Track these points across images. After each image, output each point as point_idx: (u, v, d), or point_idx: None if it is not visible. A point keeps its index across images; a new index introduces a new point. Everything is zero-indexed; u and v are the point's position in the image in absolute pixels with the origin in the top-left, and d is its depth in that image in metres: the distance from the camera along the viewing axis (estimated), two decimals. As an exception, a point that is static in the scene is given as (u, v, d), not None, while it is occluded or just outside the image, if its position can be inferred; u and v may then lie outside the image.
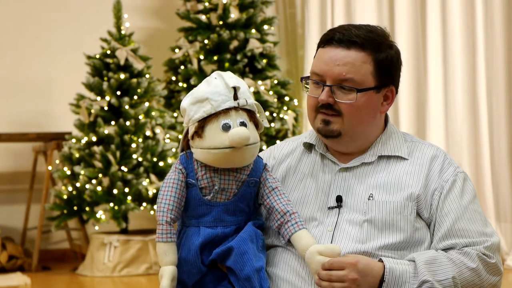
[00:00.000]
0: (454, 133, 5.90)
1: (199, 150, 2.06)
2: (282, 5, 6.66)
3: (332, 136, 2.17)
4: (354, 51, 2.13)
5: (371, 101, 2.16)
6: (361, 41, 2.13)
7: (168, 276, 2.03)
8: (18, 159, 6.33)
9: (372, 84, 2.15)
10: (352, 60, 2.13)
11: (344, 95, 2.13)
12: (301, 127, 6.29)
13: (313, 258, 2.04)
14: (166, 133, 5.77)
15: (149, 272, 5.60)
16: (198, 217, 2.10)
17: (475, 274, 2.10)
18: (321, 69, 2.15)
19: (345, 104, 2.13)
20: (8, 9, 6.31)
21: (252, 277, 2.03)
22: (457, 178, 2.19)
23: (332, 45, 2.15)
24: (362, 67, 2.13)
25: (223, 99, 2.05)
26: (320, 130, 2.17)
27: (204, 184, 2.09)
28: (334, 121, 2.15)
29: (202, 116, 2.05)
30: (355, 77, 2.13)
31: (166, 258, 2.05)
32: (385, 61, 2.16)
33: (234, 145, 2.02)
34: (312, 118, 2.19)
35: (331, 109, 2.15)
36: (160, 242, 2.06)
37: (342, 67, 2.12)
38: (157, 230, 2.07)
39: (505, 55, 5.86)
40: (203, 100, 2.06)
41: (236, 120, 2.04)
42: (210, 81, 2.09)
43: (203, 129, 2.05)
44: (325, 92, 2.14)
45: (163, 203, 2.07)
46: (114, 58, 5.68)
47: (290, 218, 2.11)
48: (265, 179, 2.14)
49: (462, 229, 2.13)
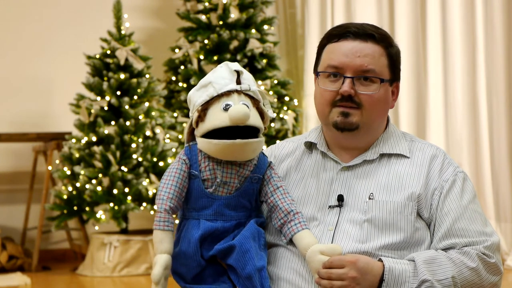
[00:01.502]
0: (454, 133, 5.91)
1: (201, 140, 2.07)
2: (282, 5, 6.67)
3: (349, 129, 2.17)
4: (371, 43, 2.16)
5: (387, 94, 2.20)
6: (376, 35, 2.17)
7: (161, 264, 2.02)
8: (18, 159, 6.33)
9: (388, 76, 2.19)
10: (372, 52, 2.16)
11: (364, 87, 2.15)
12: (301, 127, 6.29)
13: (314, 256, 2.05)
14: (166, 133, 5.77)
15: (149, 272, 5.59)
16: (198, 209, 2.10)
17: (475, 274, 2.10)
18: (341, 61, 2.16)
19: (367, 95, 2.15)
20: (8, 9, 6.31)
21: (253, 276, 2.03)
22: (457, 178, 2.19)
23: (349, 38, 2.17)
24: (380, 59, 2.17)
25: (226, 82, 2.07)
26: (338, 123, 2.16)
27: (207, 175, 2.09)
28: (353, 113, 2.16)
29: (205, 100, 2.06)
30: (376, 68, 2.15)
31: (161, 246, 2.04)
32: (395, 55, 2.21)
33: (233, 123, 2.01)
34: (326, 112, 2.18)
35: (351, 101, 2.15)
36: (157, 229, 2.06)
37: (363, 59, 2.14)
38: (155, 218, 2.07)
39: (505, 55, 5.86)
40: (207, 85, 2.08)
41: (238, 102, 2.05)
42: (215, 69, 2.12)
43: (206, 112, 2.05)
44: (347, 84, 2.14)
45: (164, 191, 2.07)
46: (114, 58, 5.68)
47: (293, 218, 2.11)
48: (270, 177, 2.14)
49: (462, 228, 2.13)
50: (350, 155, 2.23)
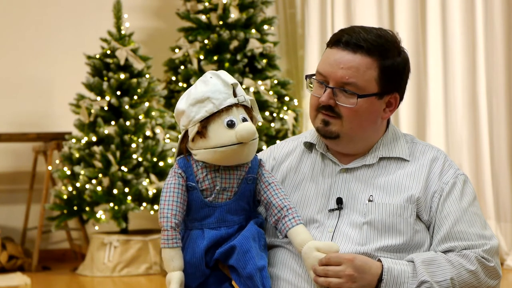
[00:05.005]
0: (454, 133, 5.90)
1: (203, 151, 2.06)
2: (282, 5, 6.66)
3: (330, 137, 2.17)
4: (360, 55, 2.11)
5: (373, 107, 2.15)
6: (368, 46, 2.11)
7: (176, 282, 2.03)
8: (18, 159, 6.33)
9: (375, 90, 2.13)
10: (357, 65, 2.11)
11: (345, 98, 2.12)
12: (301, 127, 6.29)
13: (310, 253, 2.04)
14: (166, 133, 5.77)
15: (149, 272, 5.60)
16: (201, 219, 2.10)
17: (474, 277, 2.10)
18: (325, 70, 2.15)
19: (345, 107, 2.12)
20: (8, 9, 6.31)
21: (255, 275, 2.03)
22: (457, 180, 2.18)
23: (339, 47, 2.13)
24: (366, 73, 2.12)
25: (224, 97, 2.05)
26: (320, 130, 2.17)
27: (206, 186, 2.09)
28: (333, 123, 2.15)
29: (205, 116, 2.05)
30: (358, 81, 2.11)
31: (173, 263, 2.05)
32: (390, 68, 2.14)
33: (242, 140, 2.03)
34: (313, 117, 2.19)
35: (331, 111, 2.14)
36: (166, 248, 2.06)
37: (345, 71, 2.11)
38: (162, 236, 2.07)
39: (505, 55, 5.86)
40: (204, 100, 2.06)
41: (239, 116, 2.06)
42: (206, 80, 2.08)
43: (207, 129, 2.05)
44: (326, 94, 2.13)
45: (166, 208, 2.07)
46: (114, 58, 5.68)
47: (287, 213, 2.11)
48: (261, 175, 2.15)
49: (461, 231, 2.13)
50: (348, 158, 2.22)
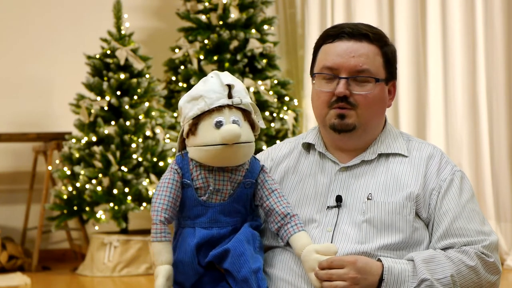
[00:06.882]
0: (454, 133, 5.90)
1: (193, 148, 2.07)
2: (282, 5, 6.67)
3: (347, 130, 2.17)
4: (366, 43, 2.17)
5: (383, 94, 2.20)
6: (371, 34, 2.17)
7: (163, 275, 2.02)
8: (18, 159, 6.33)
9: (383, 76, 2.19)
10: (366, 52, 2.16)
11: (359, 87, 2.15)
12: (301, 127, 6.29)
13: (309, 256, 2.05)
14: (166, 133, 5.78)
15: (149, 272, 5.60)
16: (193, 217, 2.10)
17: (474, 273, 2.10)
18: (335, 62, 2.16)
19: (361, 95, 2.15)
20: (8, 9, 6.31)
21: (250, 278, 2.03)
22: (455, 177, 2.19)
23: (344, 39, 2.17)
24: (375, 59, 2.17)
25: (217, 97, 2.05)
26: (335, 125, 2.17)
27: (199, 184, 2.09)
28: (348, 115, 2.16)
29: (196, 114, 2.05)
30: (371, 68, 2.16)
31: (161, 257, 2.05)
32: (390, 54, 2.21)
33: (224, 142, 2.01)
34: (323, 114, 2.19)
35: (346, 102, 2.15)
36: (155, 241, 2.06)
37: (358, 59, 2.15)
38: (151, 230, 2.07)
39: (505, 55, 5.86)
40: (198, 98, 2.06)
41: (229, 118, 2.04)
42: (206, 79, 2.09)
43: (197, 127, 2.05)
44: (342, 84, 2.15)
45: (158, 202, 2.07)
46: (114, 58, 5.68)
47: (290, 220, 2.11)
48: (264, 181, 2.14)
49: (460, 228, 2.13)
50: (348, 156, 2.22)
